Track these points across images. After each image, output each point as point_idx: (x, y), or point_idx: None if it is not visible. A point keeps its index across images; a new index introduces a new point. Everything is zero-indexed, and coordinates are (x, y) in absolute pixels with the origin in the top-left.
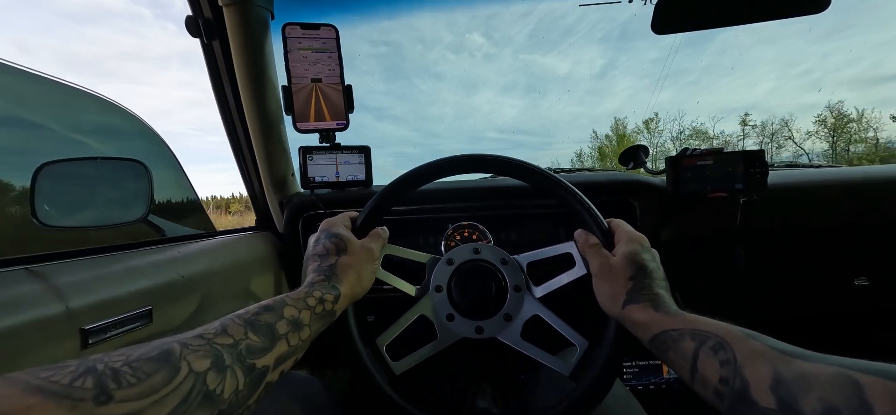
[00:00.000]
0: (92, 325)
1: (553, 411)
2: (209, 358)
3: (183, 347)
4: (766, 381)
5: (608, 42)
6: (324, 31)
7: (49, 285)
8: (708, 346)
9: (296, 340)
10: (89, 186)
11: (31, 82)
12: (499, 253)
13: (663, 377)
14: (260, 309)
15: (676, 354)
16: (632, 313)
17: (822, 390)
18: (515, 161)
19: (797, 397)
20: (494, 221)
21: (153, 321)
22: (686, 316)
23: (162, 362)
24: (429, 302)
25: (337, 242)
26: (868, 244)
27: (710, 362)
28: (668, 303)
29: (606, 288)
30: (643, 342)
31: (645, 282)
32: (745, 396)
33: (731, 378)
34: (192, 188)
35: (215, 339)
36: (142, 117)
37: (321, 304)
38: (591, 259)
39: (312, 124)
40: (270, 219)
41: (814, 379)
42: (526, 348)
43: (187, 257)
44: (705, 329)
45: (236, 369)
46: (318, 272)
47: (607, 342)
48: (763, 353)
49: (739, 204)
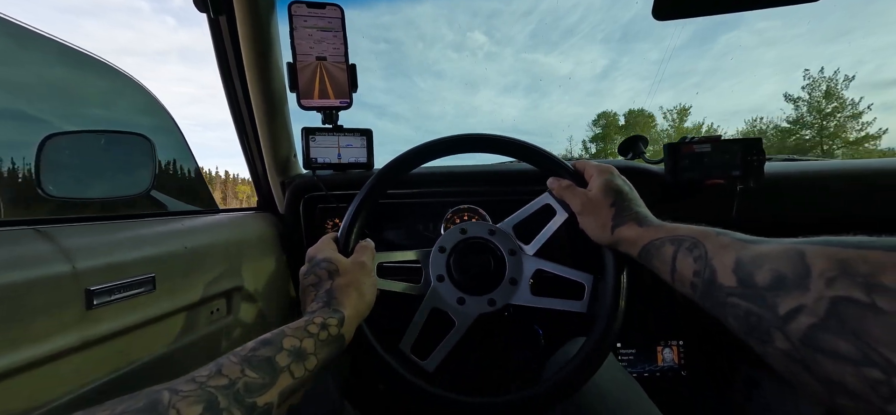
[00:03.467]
0: (97, 286)
1: (583, 351)
2: (201, 403)
3: (172, 394)
4: (730, 265)
5: (610, 42)
6: (329, 10)
7: (56, 246)
8: (684, 247)
9: (300, 371)
10: (94, 159)
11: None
12: (485, 226)
13: (658, 365)
14: (257, 344)
15: (659, 259)
16: (620, 234)
17: (773, 263)
18: (475, 135)
19: (753, 273)
20: (493, 205)
21: (156, 288)
22: (667, 226)
23: (148, 414)
24: (436, 294)
25: (328, 267)
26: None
27: (685, 260)
28: (649, 217)
29: (593, 221)
30: (633, 257)
31: (625, 204)
32: (713, 281)
33: (702, 270)
34: (196, 165)
35: (208, 382)
36: (150, 90)
37: (325, 330)
38: (571, 200)
39: (317, 102)
40: (272, 200)
41: (766, 255)
42: (539, 302)
43: (190, 231)
44: (683, 234)
45: (234, 410)
46: (317, 301)
47: (609, 270)
48: (729, 244)
49: (736, 192)
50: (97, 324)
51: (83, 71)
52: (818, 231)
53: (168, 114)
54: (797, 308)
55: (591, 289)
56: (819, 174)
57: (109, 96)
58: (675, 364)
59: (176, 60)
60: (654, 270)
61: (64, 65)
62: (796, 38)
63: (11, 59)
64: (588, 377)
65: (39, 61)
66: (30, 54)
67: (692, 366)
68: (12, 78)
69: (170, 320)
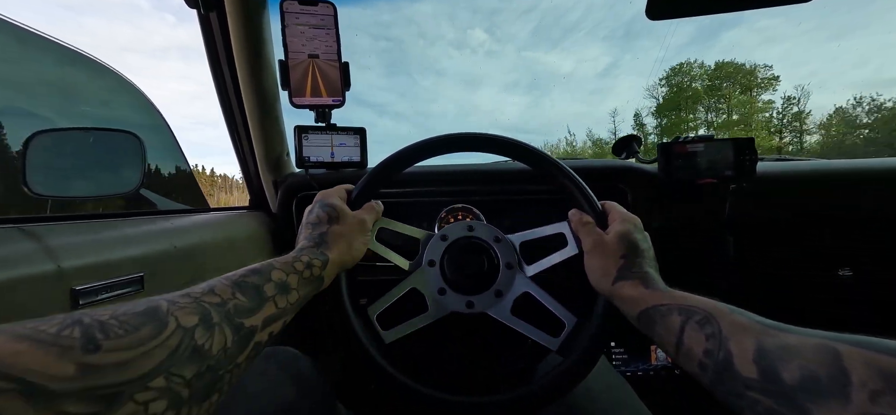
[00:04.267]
0: (83, 286)
1: (540, 383)
2: (197, 315)
3: (170, 304)
4: (750, 352)
5: (612, 40)
6: (321, 7)
7: (41, 245)
8: (694, 320)
9: (283, 302)
10: (82, 156)
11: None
12: (493, 231)
13: (651, 364)
14: (247, 271)
15: (663, 328)
16: (621, 290)
17: (803, 359)
18: (515, 142)
19: (778, 367)
20: (488, 204)
21: (145, 288)
22: (674, 293)
23: (149, 317)
24: (421, 276)
25: (330, 212)
26: (852, 236)
27: (695, 336)
28: (657, 281)
29: (598, 265)
30: (630, 318)
31: (636, 260)
32: (728, 366)
33: (715, 350)
34: (186, 164)
35: (203, 297)
36: (141, 88)
37: (309, 269)
38: (585, 237)
39: (309, 100)
40: (264, 199)
41: (795, 349)
42: (515, 323)
43: (180, 230)
44: (692, 304)
45: (224, 326)
46: (309, 239)
47: (596, 319)
48: (748, 326)
49: (729, 191)
50: None
51: (75, 69)
52: (806, 228)
53: (159, 112)
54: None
55: (570, 331)
56: (811, 174)
57: (99, 94)
58: (669, 363)
59: (176, 58)
60: (655, 337)
61: (56, 63)
62: (800, 34)
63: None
64: (580, 379)
65: (32, 59)
66: (23, 52)
67: None
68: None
69: None
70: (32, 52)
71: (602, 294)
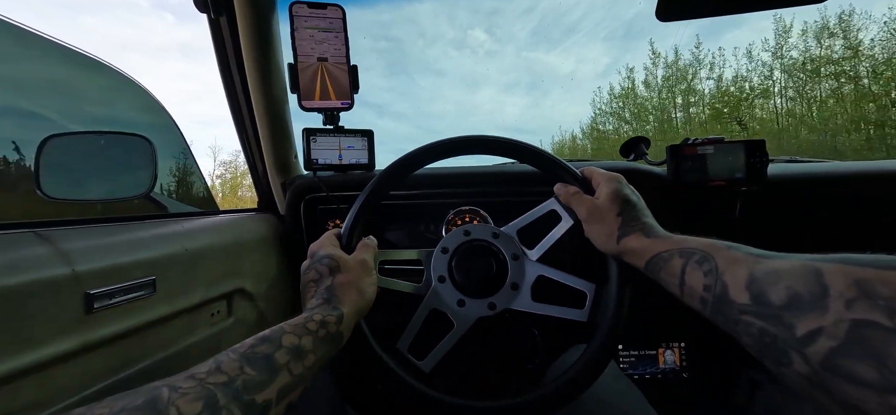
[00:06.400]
0: (97, 290)
1: (584, 358)
2: (201, 400)
3: (171, 391)
4: (743, 281)
5: (613, 40)
6: (330, 10)
7: (56, 249)
8: (694, 260)
9: (299, 368)
10: (94, 160)
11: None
12: (489, 229)
13: (659, 367)
14: (256, 341)
15: (667, 272)
16: (627, 244)
17: (788, 280)
18: (485, 136)
19: (767, 290)
20: (495, 206)
21: (157, 291)
22: (675, 238)
23: (148, 411)
24: (436, 295)
25: (329, 263)
26: (866, 239)
27: (695, 274)
28: (657, 229)
29: (599, 229)
30: (639, 268)
31: (633, 213)
32: (724, 297)
33: (713, 284)
34: (196, 166)
35: (208, 379)
36: (149, 90)
37: (323, 327)
38: (577, 207)
39: (317, 103)
40: (273, 201)
41: (782, 272)
42: (539, 308)
43: (190, 232)
44: (692, 246)
45: (233, 408)
46: (317, 297)
47: (612, 279)
48: (740, 258)
49: (739, 194)
50: (97, 327)
51: (83, 72)
52: (823, 234)
53: (168, 114)
54: (816, 330)
55: (593, 298)
56: (823, 176)
57: (108, 97)
58: (677, 366)
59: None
60: (661, 282)
61: (64, 65)
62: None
63: (10, 59)
64: (589, 384)
65: (40, 63)
66: (30, 54)
67: (694, 368)
68: (11, 78)
69: (170, 322)
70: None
71: (610, 255)
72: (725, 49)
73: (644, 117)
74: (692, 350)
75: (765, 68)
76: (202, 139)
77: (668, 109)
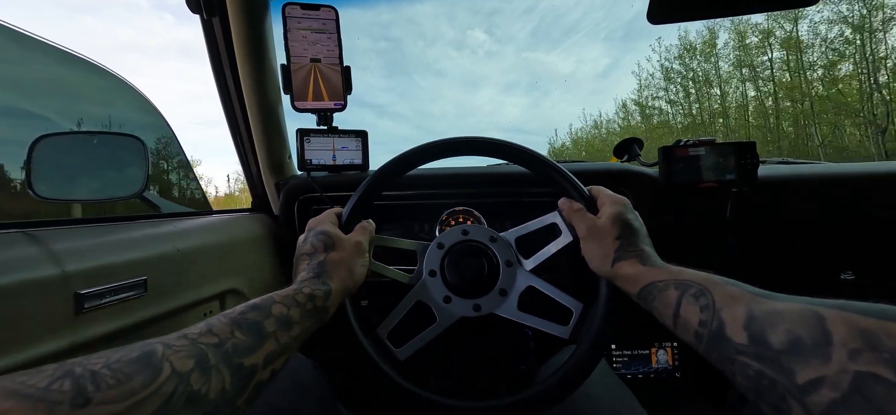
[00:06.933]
0: (87, 290)
1: (560, 372)
2: (193, 358)
3: (165, 347)
4: (740, 319)
5: (612, 40)
6: (323, 11)
7: (45, 249)
8: (690, 293)
9: (285, 338)
10: (86, 160)
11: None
12: (488, 232)
13: (651, 367)
14: (247, 308)
15: (661, 303)
16: (621, 269)
17: (789, 323)
18: (497, 140)
19: (766, 331)
20: (489, 207)
21: (148, 292)
22: (671, 268)
23: (143, 364)
24: (424, 287)
25: (325, 240)
26: (855, 239)
27: (691, 308)
28: (654, 258)
29: (595, 249)
30: (631, 296)
31: (631, 239)
32: (721, 334)
33: (709, 320)
34: (189, 166)
35: (200, 339)
36: (142, 91)
37: (311, 301)
38: (578, 223)
39: (310, 104)
40: (266, 201)
41: (782, 314)
42: (524, 318)
43: (183, 232)
44: (688, 279)
45: (222, 368)
46: (308, 271)
47: (601, 301)
48: (739, 296)
49: (730, 195)
50: (87, 328)
51: (76, 74)
52: (808, 231)
53: (161, 115)
54: (817, 379)
55: (578, 317)
56: (813, 177)
57: (102, 99)
58: (670, 366)
59: (176, 57)
60: (654, 312)
61: (59, 66)
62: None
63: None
64: (577, 385)
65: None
66: (26, 56)
67: (686, 368)
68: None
69: (162, 323)
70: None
71: (603, 277)
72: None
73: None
74: (685, 350)
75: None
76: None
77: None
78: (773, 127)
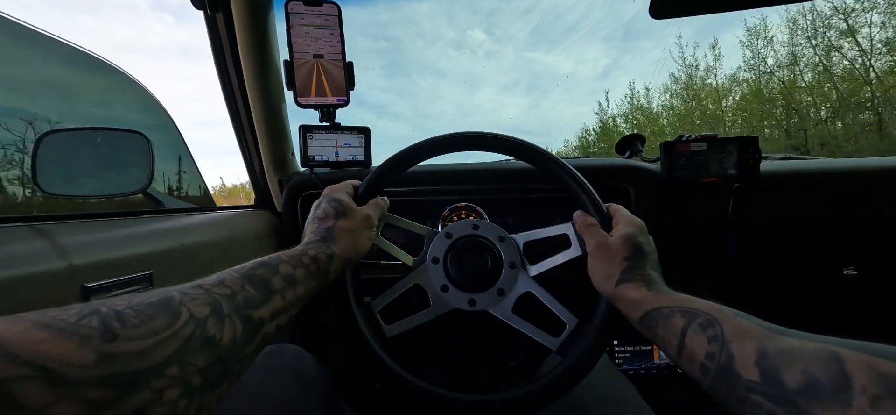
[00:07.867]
0: (93, 283)
1: (541, 382)
2: (208, 306)
3: (182, 294)
4: (752, 355)
5: (612, 40)
6: (326, 8)
7: (53, 243)
8: (697, 322)
9: (291, 295)
10: (91, 156)
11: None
12: (497, 230)
13: (654, 362)
14: (256, 264)
15: (665, 330)
16: (624, 292)
17: (805, 363)
18: (521, 141)
19: (780, 370)
20: (493, 203)
21: (153, 286)
22: (677, 295)
23: (163, 307)
24: (424, 272)
25: (336, 207)
26: (857, 235)
27: (698, 338)
28: (659, 283)
29: (601, 267)
30: (632, 321)
31: (639, 263)
32: (730, 370)
33: (717, 353)
34: (193, 163)
35: (214, 288)
36: (148, 88)
37: (315, 263)
38: (589, 238)
39: (313, 99)
40: (269, 197)
41: (797, 353)
42: (516, 322)
43: (187, 228)
44: (695, 307)
45: (234, 318)
46: (316, 234)
47: (597, 320)
48: (750, 330)
49: (732, 190)
50: None
51: (82, 69)
52: (810, 227)
53: (166, 112)
54: None
55: (571, 332)
56: (815, 173)
57: (107, 94)
58: (672, 362)
59: (176, 57)
60: (657, 340)
61: (63, 63)
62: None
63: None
64: (579, 379)
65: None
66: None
67: None
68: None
69: None
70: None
71: (604, 296)
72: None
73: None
74: None
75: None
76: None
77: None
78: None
